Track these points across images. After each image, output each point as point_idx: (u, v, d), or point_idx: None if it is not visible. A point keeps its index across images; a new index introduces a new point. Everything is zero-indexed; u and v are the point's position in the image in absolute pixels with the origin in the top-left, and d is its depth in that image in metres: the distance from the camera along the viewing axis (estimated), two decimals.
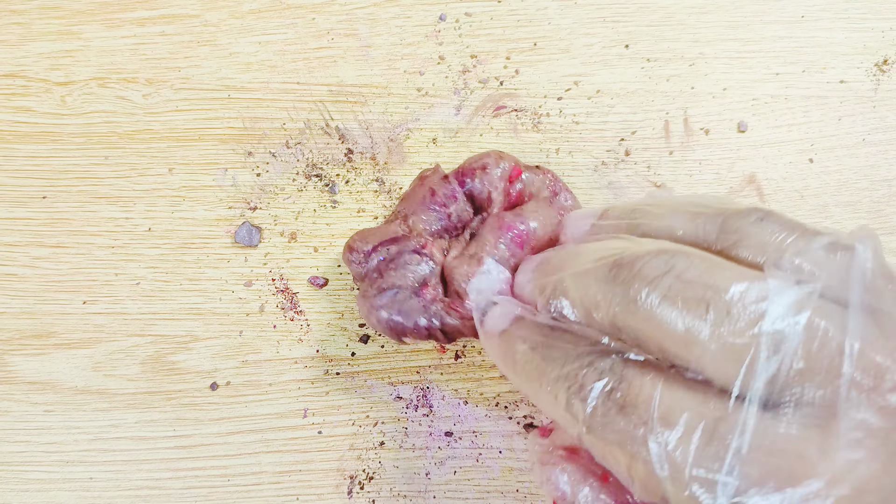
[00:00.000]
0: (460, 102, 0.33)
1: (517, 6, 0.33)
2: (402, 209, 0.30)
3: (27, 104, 0.33)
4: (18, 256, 0.33)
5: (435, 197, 0.29)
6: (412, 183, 0.31)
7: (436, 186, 0.30)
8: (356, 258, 0.29)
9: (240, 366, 0.32)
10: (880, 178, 0.33)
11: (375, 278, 0.29)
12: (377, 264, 0.29)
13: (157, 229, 0.33)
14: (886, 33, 0.33)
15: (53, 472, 0.31)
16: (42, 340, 0.32)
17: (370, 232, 0.30)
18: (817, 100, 0.33)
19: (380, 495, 0.31)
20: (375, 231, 0.30)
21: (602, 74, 0.33)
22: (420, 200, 0.30)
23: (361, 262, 0.29)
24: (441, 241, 0.30)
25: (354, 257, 0.29)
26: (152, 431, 0.31)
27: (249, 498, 0.31)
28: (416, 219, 0.29)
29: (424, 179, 0.30)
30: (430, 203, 0.30)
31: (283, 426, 0.31)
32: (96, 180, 0.33)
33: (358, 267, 0.29)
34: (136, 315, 0.32)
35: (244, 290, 0.32)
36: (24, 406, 0.32)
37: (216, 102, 0.33)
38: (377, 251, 0.29)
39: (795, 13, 0.34)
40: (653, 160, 0.33)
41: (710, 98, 0.33)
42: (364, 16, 0.33)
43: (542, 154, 0.33)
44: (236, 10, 0.34)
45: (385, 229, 0.30)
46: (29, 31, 0.33)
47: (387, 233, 0.29)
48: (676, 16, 0.34)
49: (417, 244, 0.29)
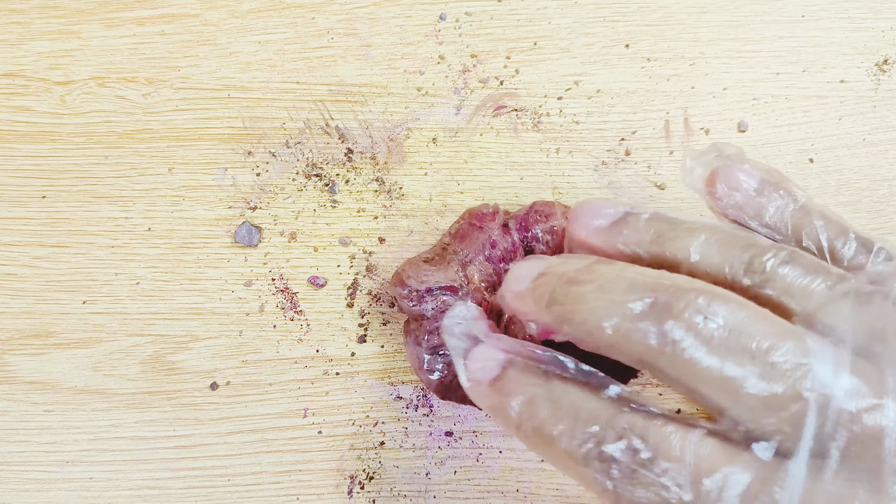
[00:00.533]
0: (460, 102, 0.33)
1: (517, 6, 0.33)
2: (460, 252, 0.30)
3: (26, 104, 0.33)
4: (18, 256, 0.33)
5: (495, 249, 0.29)
6: (464, 218, 0.30)
7: (497, 238, 0.29)
8: (408, 294, 0.29)
9: (240, 366, 0.32)
10: (881, 177, 0.33)
11: (427, 327, 0.29)
12: (431, 310, 0.29)
13: (157, 229, 0.33)
14: (886, 33, 0.33)
15: (53, 472, 0.31)
16: (42, 340, 0.32)
17: (424, 269, 0.29)
18: (817, 100, 0.33)
19: (380, 495, 0.31)
20: (430, 270, 0.29)
21: (602, 74, 0.33)
22: (479, 249, 0.30)
23: (412, 300, 0.29)
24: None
25: (406, 293, 0.29)
26: (152, 431, 0.31)
27: (249, 498, 0.31)
28: (475, 269, 0.29)
29: (482, 223, 0.30)
30: (489, 254, 0.29)
31: (283, 426, 0.31)
32: (96, 180, 0.33)
33: (408, 303, 0.29)
34: (135, 315, 0.32)
35: (244, 289, 0.32)
36: (24, 406, 0.32)
37: (216, 102, 0.33)
38: (432, 294, 0.29)
39: (795, 13, 0.34)
40: (653, 160, 0.33)
41: (710, 98, 0.33)
42: (364, 15, 0.33)
43: (542, 154, 0.33)
44: (236, 9, 0.33)
45: (442, 272, 0.29)
46: (28, 30, 0.33)
47: (445, 279, 0.29)
48: (676, 15, 0.34)
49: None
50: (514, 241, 0.29)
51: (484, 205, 0.31)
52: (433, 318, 0.29)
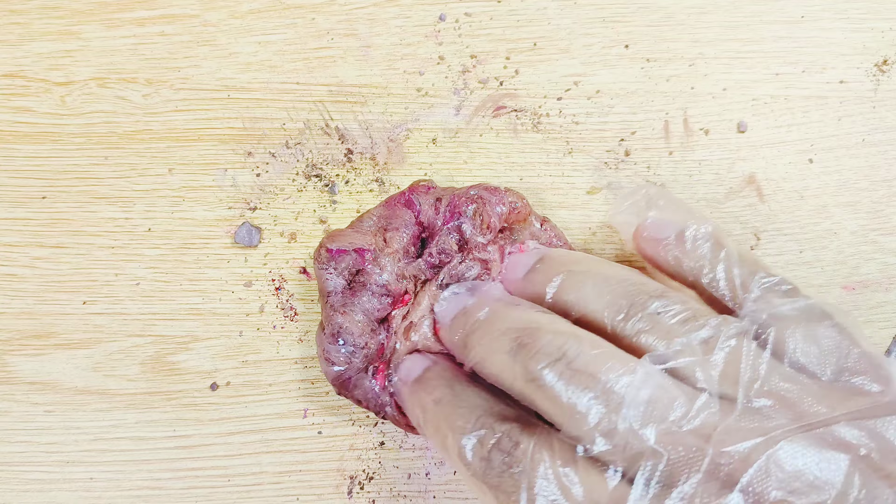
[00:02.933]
0: (460, 102, 0.33)
1: (517, 6, 0.33)
2: (382, 218, 0.29)
3: (27, 104, 0.33)
4: (18, 257, 0.33)
5: (417, 223, 0.29)
6: (403, 192, 0.30)
7: (424, 211, 0.29)
8: (317, 255, 0.29)
9: (240, 366, 0.32)
10: (880, 178, 0.33)
11: (332, 302, 0.29)
12: (337, 274, 0.29)
13: (157, 229, 0.33)
14: (886, 33, 0.33)
15: (53, 473, 0.31)
16: (42, 341, 0.32)
17: (344, 233, 0.29)
18: (817, 100, 0.33)
19: (380, 495, 0.31)
20: (349, 234, 0.29)
21: (602, 74, 0.33)
22: (404, 220, 0.29)
23: (321, 262, 0.29)
24: (406, 280, 0.29)
25: (317, 255, 0.29)
26: (152, 432, 0.31)
27: (250, 498, 0.31)
28: (395, 236, 0.29)
29: (414, 194, 0.30)
30: (412, 226, 0.29)
31: (284, 426, 0.31)
32: (96, 180, 0.33)
33: (318, 267, 0.29)
34: (136, 315, 0.32)
35: (244, 290, 0.32)
36: (25, 406, 0.32)
37: (216, 102, 0.33)
38: (341, 256, 0.29)
39: (795, 13, 0.34)
40: (653, 160, 0.33)
41: (709, 98, 0.33)
42: (364, 16, 0.33)
43: (542, 154, 0.33)
44: (236, 10, 0.33)
45: (360, 236, 0.29)
46: (28, 31, 0.33)
47: (363, 242, 0.29)
48: (676, 16, 0.34)
49: (386, 285, 0.29)
50: (442, 217, 0.29)
51: (426, 179, 0.30)
52: (336, 293, 0.29)
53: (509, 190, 0.30)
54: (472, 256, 0.29)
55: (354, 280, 0.29)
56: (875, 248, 0.32)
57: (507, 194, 0.29)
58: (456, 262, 0.29)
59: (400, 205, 0.30)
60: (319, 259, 0.29)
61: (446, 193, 0.30)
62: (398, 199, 0.30)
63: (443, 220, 0.29)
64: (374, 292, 0.28)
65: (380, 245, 0.29)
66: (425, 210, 0.29)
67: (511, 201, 0.29)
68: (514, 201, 0.29)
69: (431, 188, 0.30)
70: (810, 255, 0.32)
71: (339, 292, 0.29)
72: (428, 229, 0.29)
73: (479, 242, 0.29)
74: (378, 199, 0.33)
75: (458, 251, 0.29)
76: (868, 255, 0.32)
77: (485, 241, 0.29)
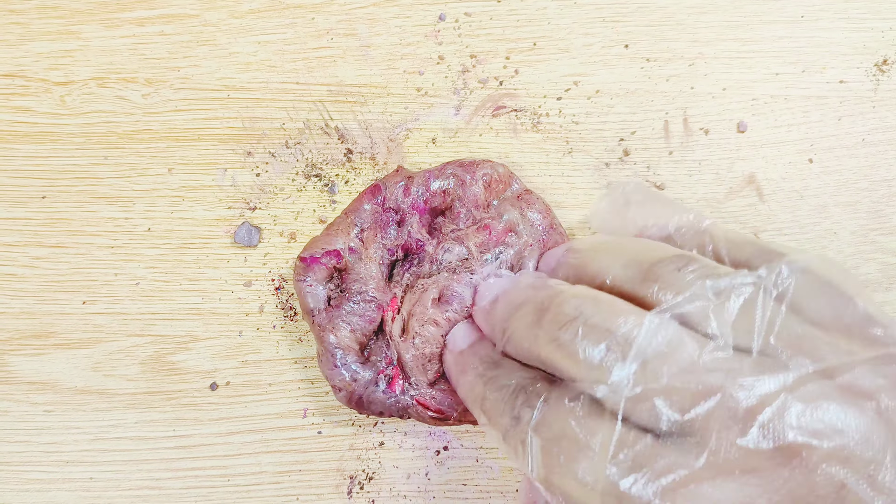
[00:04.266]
0: (460, 102, 0.33)
1: (517, 6, 0.33)
2: (353, 215, 0.29)
3: (26, 104, 0.33)
4: (18, 256, 0.33)
5: (388, 213, 0.29)
6: (373, 185, 0.30)
7: (390, 198, 0.29)
8: (296, 268, 0.29)
9: (239, 366, 0.32)
10: (880, 178, 0.33)
11: (322, 322, 0.28)
12: (324, 293, 0.29)
13: (157, 229, 0.33)
14: (886, 33, 0.33)
15: (53, 473, 0.31)
16: (42, 340, 0.32)
17: (320, 239, 0.29)
18: (817, 100, 0.33)
19: (380, 495, 0.31)
20: (326, 238, 0.29)
21: (601, 74, 0.33)
22: (374, 212, 0.29)
23: (300, 275, 0.29)
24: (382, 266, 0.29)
25: (300, 272, 0.29)
26: (152, 431, 0.31)
27: (249, 498, 0.31)
28: (371, 233, 0.29)
29: (384, 181, 0.29)
30: (383, 218, 0.29)
31: (283, 426, 0.31)
32: (96, 180, 0.33)
33: (298, 282, 0.29)
34: (135, 315, 0.32)
35: (244, 290, 0.32)
36: (24, 406, 0.32)
37: (215, 102, 0.33)
38: (318, 264, 0.28)
39: (795, 13, 0.34)
40: (652, 160, 0.33)
41: (709, 98, 0.33)
42: (363, 16, 0.33)
43: (541, 154, 0.33)
44: (235, 9, 0.33)
45: (337, 238, 0.29)
46: (28, 30, 0.33)
47: (343, 244, 0.29)
48: (676, 16, 0.34)
49: (373, 295, 0.28)
50: (414, 200, 0.29)
51: (398, 168, 0.30)
52: (320, 311, 0.28)
53: (484, 161, 0.30)
54: (450, 238, 0.29)
55: (339, 291, 0.29)
56: (875, 248, 0.32)
57: (480, 167, 0.29)
58: (430, 248, 0.29)
59: (367, 195, 0.30)
60: (297, 272, 0.29)
61: (418, 175, 0.30)
62: (366, 190, 0.30)
63: (412, 202, 0.29)
64: (357, 301, 0.28)
65: (355, 244, 0.29)
66: (393, 193, 0.29)
67: (485, 174, 0.29)
68: (488, 173, 0.29)
69: (400, 169, 0.30)
70: None
71: (323, 309, 0.29)
72: (399, 212, 0.29)
73: (458, 229, 0.29)
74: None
75: (430, 237, 0.29)
76: (868, 255, 0.32)
77: (465, 226, 0.29)
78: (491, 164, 0.30)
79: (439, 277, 0.28)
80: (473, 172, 0.29)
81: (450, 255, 0.29)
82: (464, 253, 0.29)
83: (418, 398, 0.28)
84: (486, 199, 0.30)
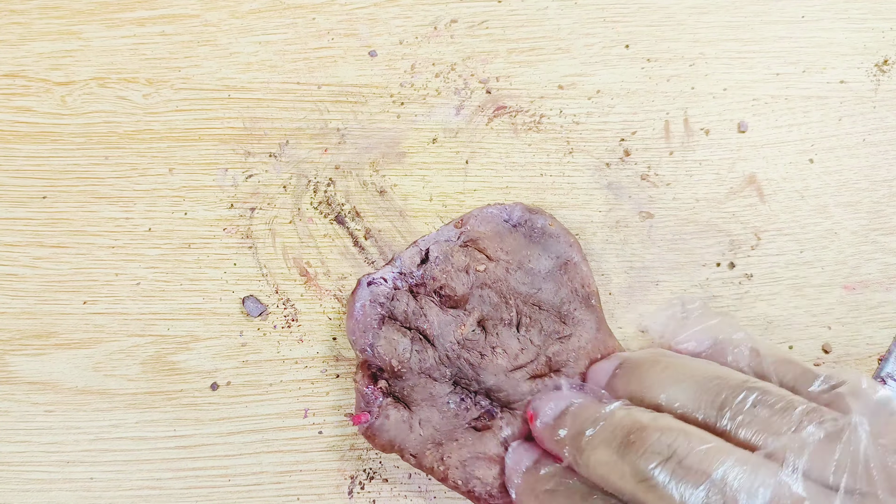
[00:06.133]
0: (461, 102, 0.33)
1: (517, 6, 0.33)
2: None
3: (27, 104, 0.33)
4: (19, 256, 0.33)
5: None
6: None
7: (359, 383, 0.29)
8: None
9: (240, 366, 0.32)
10: (880, 178, 0.33)
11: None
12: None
13: (158, 229, 0.33)
14: (886, 33, 0.33)
15: (54, 473, 0.31)
16: (42, 340, 0.32)
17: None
18: (817, 100, 0.33)
19: (380, 495, 0.31)
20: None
21: (602, 74, 0.33)
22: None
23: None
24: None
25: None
26: (153, 431, 0.31)
27: (250, 498, 0.31)
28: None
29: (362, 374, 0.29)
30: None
31: (284, 426, 0.31)
32: (96, 180, 0.33)
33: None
34: (136, 315, 0.32)
35: (245, 290, 0.32)
36: (25, 406, 0.32)
37: (216, 102, 0.33)
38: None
39: (795, 13, 0.34)
40: (653, 160, 0.33)
41: (710, 98, 0.33)
42: (364, 16, 0.33)
43: (542, 154, 0.33)
44: (236, 9, 0.33)
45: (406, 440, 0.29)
46: (29, 31, 0.33)
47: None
48: (676, 16, 0.34)
49: None
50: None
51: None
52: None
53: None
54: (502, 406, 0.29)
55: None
56: (875, 247, 0.32)
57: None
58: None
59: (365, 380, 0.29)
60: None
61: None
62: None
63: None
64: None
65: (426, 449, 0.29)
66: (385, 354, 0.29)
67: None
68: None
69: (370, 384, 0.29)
70: (811, 255, 0.32)
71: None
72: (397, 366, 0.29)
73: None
74: (377, 198, 0.33)
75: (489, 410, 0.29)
76: (868, 254, 0.32)
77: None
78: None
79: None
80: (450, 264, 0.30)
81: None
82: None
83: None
84: None
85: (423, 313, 0.28)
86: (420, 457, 0.28)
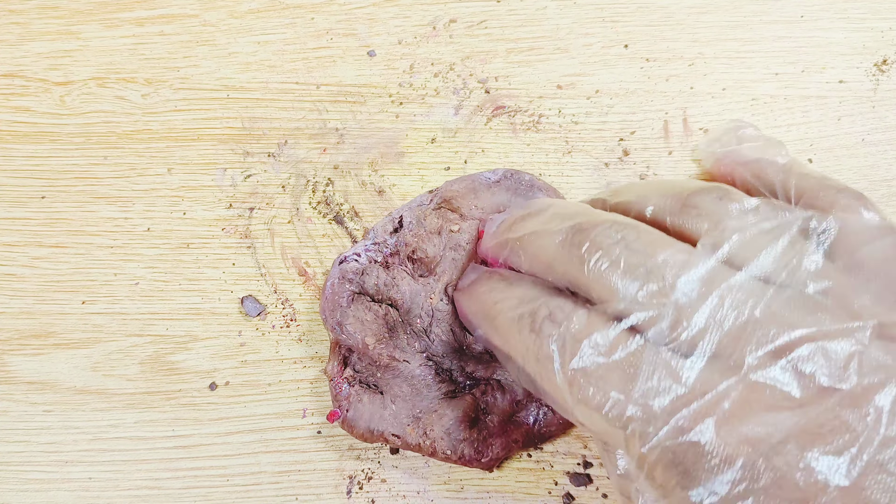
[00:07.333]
0: (459, 102, 0.33)
1: (516, 6, 0.33)
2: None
3: (26, 104, 0.33)
4: (17, 256, 0.33)
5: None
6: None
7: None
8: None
9: (239, 366, 0.32)
10: (879, 178, 0.33)
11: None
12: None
13: (156, 229, 0.33)
14: (886, 33, 0.33)
15: (52, 472, 0.31)
16: (41, 340, 0.32)
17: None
18: (816, 100, 0.33)
19: (379, 495, 0.31)
20: None
21: (601, 74, 0.33)
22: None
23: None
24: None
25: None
26: (151, 431, 0.31)
27: (248, 498, 0.31)
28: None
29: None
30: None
31: (283, 426, 0.31)
32: (95, 180, 0.33)
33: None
34: (135, 315, 0.32)
35: (243, 290, 0.32)
36: (23, 406, 0.32)
37: (215, 102, 0.33)
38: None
39: (795, 13, 0.34)
40: (652, 160, 0.33)
41: (709, 98, 0.33)
42: (363, 16, 0.33)
43: (541, 154, 0.33)
44: (235, 9, 0.34)
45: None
46: (27, 30, 0.33)
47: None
48: (676, 16, 0.34)
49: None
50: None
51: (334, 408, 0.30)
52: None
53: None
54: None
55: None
56: None
57: None
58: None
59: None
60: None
61: None
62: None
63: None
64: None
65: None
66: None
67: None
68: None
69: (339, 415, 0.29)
70: None
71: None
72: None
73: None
74: (375, 198, 0.33)
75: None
76: None
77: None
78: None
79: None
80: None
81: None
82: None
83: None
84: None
85: (395, 283, 0.29)
86: (403, 436, 0.28)
